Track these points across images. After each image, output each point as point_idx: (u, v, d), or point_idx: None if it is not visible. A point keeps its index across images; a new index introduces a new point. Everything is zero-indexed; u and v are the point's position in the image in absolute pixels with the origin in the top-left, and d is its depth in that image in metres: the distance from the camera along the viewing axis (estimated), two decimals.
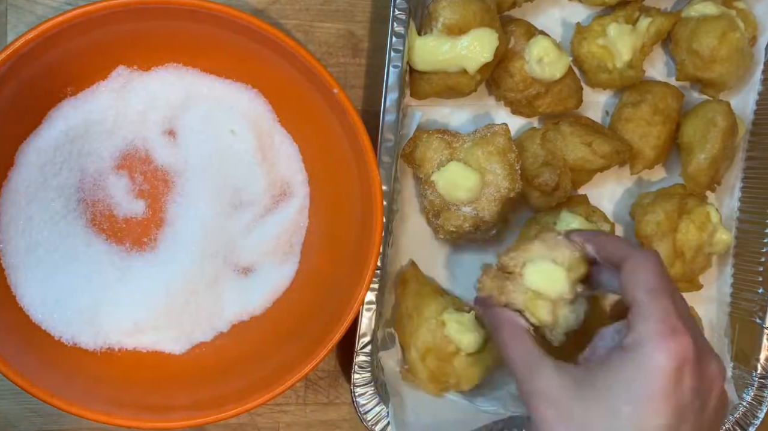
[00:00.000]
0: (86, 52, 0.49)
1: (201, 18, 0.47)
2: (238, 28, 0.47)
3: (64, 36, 0.46)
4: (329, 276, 0.53)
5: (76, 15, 0.45)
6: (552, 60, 0.55)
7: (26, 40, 0.44)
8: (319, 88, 0.49)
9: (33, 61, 0.46)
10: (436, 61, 0.53)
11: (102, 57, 0.50)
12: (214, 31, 0.49)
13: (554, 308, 0.47)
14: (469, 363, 0.54)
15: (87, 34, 0.47)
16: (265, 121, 0.54)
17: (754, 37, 0.61)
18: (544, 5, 0.59)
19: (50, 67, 0.48)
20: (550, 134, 0.56)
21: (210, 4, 0.46)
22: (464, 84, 0.53)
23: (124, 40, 0.49)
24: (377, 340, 0.55)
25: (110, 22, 0.47)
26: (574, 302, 0.48)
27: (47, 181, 0.50)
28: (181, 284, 0.53)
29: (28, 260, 0.50)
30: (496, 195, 0.53)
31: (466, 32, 0.52)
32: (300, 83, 0.50)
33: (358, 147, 0.49)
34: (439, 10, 0.52)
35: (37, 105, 0.50)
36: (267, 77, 0.53)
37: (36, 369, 0.48)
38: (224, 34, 0.49)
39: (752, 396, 0.60)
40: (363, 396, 0.54)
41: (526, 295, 0.47)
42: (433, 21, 0.52)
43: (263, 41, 0.48)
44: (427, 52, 0.53)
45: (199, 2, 0.46)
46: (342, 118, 0.49)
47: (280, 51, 0.48)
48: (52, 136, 0.50)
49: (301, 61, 0.48)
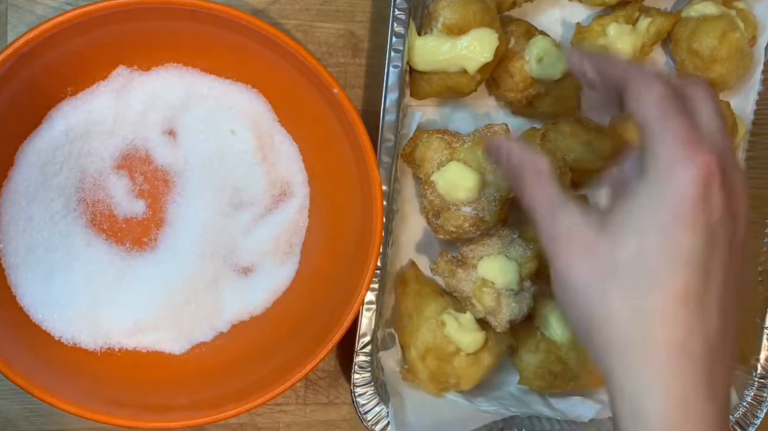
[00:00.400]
0: (86, 52, 0.49)
1: (201, 18, 0.47)
2: (238, 28, 0.47)
3: (64, 36, 0.46)
4: (329, 276, 0.53)
5: (76, 15, 0.45)
6: (552, 60, 0.55)
7: (26, 40, 0.44)
8: (319, 88, 0.49)
9: (33, 61, 0.46)
10: (436, 61, 0.53)
11: (102, 57, 0.50)
12: (214, 31, 0.49)
13: (499, 297, 0.52)
14: (469, 363, 0.54)
15: (87, 34, 0.47)
16: (265, 121, 0.54)
17: (754, 37, 0.61)
18: (544, 5, 0.59)
19: (50, 67, 0.48)
20: (550, 134, 0.56)
21: (210, 4, 0.46)
22: (464, 84, 0.53)
23: (124, 40, 0.49)
24: (377, 340, 0.55)
25: (110, 22, 0.47)
26: (519, 294, 0.52)
27: (47, 181, 0.50)
28: (181, 284, 0.53)
29: (28, 260, 0.50)
30: (496, 195, 0.53)
31: (466, 32, 0.52)
32: (300, 83, 0.50)
33: (358, 147, 0.49)
34: (439, 10, 0.52)
35: (37, 105, 0.50)
36: (267, 77, 0.52)
37: (36, 369, 0.48)
38: (224, 34, 0.49)
39: (752, 396, 0.60)
40: (363, 396, 0.54)
41: (475, 284, 0.52)
42: (433, 21, 0.52)
43: (263, 41, 0.48)
44: (427, 52, 0.53)
45: (199, 2, 0.46)
46: (342, 118, 0.49)
47: (280, 51, 0.48)
48: (52, 136, 0.50)
49: (301, 61, 0.48)
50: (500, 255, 0.53)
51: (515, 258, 0.53)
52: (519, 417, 0.57)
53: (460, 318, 0.54)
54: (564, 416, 0.58)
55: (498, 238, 0.53)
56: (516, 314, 0.52)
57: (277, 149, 0.55)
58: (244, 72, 0.53)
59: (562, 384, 0.57)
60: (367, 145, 0.49)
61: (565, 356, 0.56)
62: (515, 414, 0.57)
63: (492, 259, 0.53)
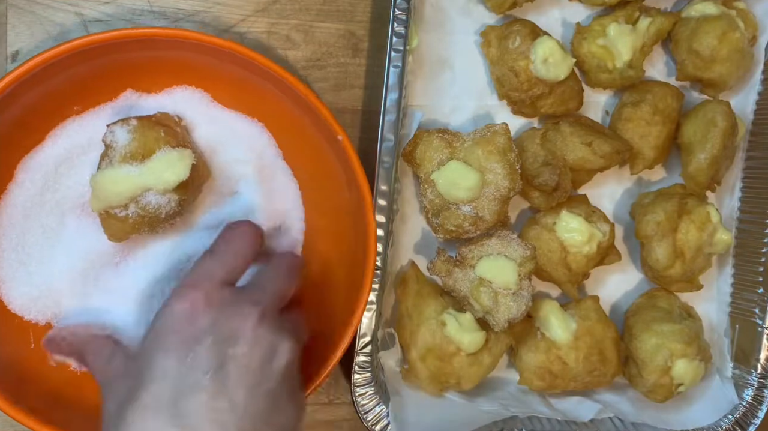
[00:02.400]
0: (94, 76, 0.49)
1: (220, 55, 0.47)
2: (246, 64, 0.47)
3: (69, 61, 0.46)
4: (315, 313, 0.53)
5: (84, 43, 0.45)
6: (557, 61, 0.55)
7: (30, 65, 0.44)
8: (324, 133, 0.49)
9: (37, 85, 0.46)
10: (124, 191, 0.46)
11: (110, 81, 0.50)
12: (221, 65, 0.49)
13: (496, 296, 0.52)
14: (469, 363, 0.54)
15: (94, 60, 0.47)
16: (268, 155, 0.54)
17: (754, 37, 0.61)
18: (544, 5, 0.59)
19: (57, 89, 0.48)
20: (550, 134, 0.56)
21: (220, 40, 0.46)
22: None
23: (132, 67, 0.49)
24: (377, 340, 0.55)
25: (119, 51, 0.47)
26: (517, 294, 0.52)
27: (44, 197, 0.50)
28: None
29: (19, 274, 0.50)
30: (496, 195, 0.53)
31: (149, 157, 0.46)
32: (305, 124, 0.50)
33: (357, 194, 0.49)
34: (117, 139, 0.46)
35: (42, 122, 0.50)
36: (273, 113, 0.52)
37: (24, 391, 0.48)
38: (231, 68, 0.49)
39: (752, 396, 0.60)
40: (363, 396, 0.54)
41: (472, 283, 0.52)
42: (110, 151, 0.46)
43: (276, 83, 0.48)
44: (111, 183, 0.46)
45: (210, 38, 0.46)
46: (345, 164, 0.50)
47: (290, 93, 0.48)
48: (54, 153, 0.50)
49: (309, 106, 0.48)
50: (499, 255, 0.53)
51: (514, 258, 0.53)
52: (519, 417, 0.57)
53: (460, 318, 0.54)
54: (564, 416, 0.58)
55: (497, 238, 0.53)
56: (514, 314, 0.52)
57: (277, 183, 0.54)
58: (252, 105, 0.53)
59: (562, 384, 0.57)
60: (366, 194, 0.49)
61: (565, 356, 0.56)
62: (515, 414, 0.57)
63: (491, 259, 0.53)
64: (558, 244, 0.56)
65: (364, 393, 0.54)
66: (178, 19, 0.54)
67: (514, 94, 0.56)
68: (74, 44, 0.45)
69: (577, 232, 0.56)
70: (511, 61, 0.55)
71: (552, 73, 0.55)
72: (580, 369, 0.56)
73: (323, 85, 0.57)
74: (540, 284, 0.60)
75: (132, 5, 0.54)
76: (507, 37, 0.55)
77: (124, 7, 0.54)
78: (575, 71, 0.57)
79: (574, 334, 0.56)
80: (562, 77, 0.55)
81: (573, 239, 0.56)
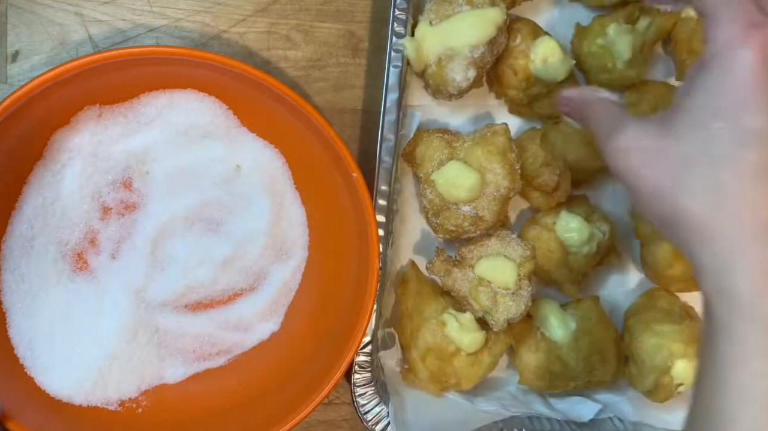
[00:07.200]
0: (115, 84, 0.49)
1: (227, 73, 0.47)
2: (261, 88, 0.48)
3: (80, 77, 0.46)
4: (310, 343, 0.54)
5: (94, 60, 0.45)
6: (556, 61, 0.55)
7: (39, 82, 0.44)
8: (339, 167, 0.50)
9: (41, 101, 0.46)
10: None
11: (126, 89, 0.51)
12: (239, 87, 0.49)
13: (495, 296, 0.52)
14: (469, 363, 0.54)
15: (99, 76, 0.47)
16: (280, 180, 0.54)
17: None
18: (544, 5, 0.59)
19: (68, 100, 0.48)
20: (550, 134, 0.56)
21: (238, 63, 0.46)
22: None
23: (145, 80, 0.50)
24: (377, 340, 0.55)
25: (129, 66, 0.47)
26: (517, 294, 0.52)
27: (36, 239, 0.50)
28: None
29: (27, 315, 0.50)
30: (496, 195, 0.53)
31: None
32: (321, 156, 0.51)
33: (364, 229, 0.50)
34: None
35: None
36: (290, 141, 0.53)
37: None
38: (247, 90, 0.49)
39: None
40: (363, 396, 0.54)
41: (471, 283, 0.52)
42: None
43: (295, 113, 0.48)
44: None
45: (231, 61, 0.46)
46: (355, 200, 0.50)
47: (309, 124, 0.49)
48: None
49: (326, 139, 0.48)
50: (499, 255, 0.53)
51: (514, 258, 0.53)
52: (519, 417, 0.57)
53: (460, 318, 0.54)
54: (564, 416, 0.58)
55: (497, 238, 0.53)
56: (513, 314, 0.52)
57: (286, 208, 0.55)
58: (269, 131, 0.53)
59: (562, 384, 0.57)
60: (374, 231, 0.49)
61: (565, 356, 0.56)
62: (515, 414, 0.57)
63: (490, 259, 0.53)
64: (558, 244, 0.56)
65: (364, 393, 0.54)
66: (178, 19, 0.54)
67: (511, 91, 0.56)
68: (86, 60, 0.45)
69: (576, 232, 0.56)
70: (511, 59, 0.55)
71: (551, 74, 0.55)
72: (580, 369, 0.56)
73: (323, 85, 0.57)
74: (540, 284, 0.60)
75: (132, 5, 0.54)
76: (508, 34, 0.55)
77: (124, 7, 0.54)
78: (574, 73, 0.57)
79: (574, 334, 0.56)
80: (561, 79, 0.55)
81: (573, 239, 0.56)
